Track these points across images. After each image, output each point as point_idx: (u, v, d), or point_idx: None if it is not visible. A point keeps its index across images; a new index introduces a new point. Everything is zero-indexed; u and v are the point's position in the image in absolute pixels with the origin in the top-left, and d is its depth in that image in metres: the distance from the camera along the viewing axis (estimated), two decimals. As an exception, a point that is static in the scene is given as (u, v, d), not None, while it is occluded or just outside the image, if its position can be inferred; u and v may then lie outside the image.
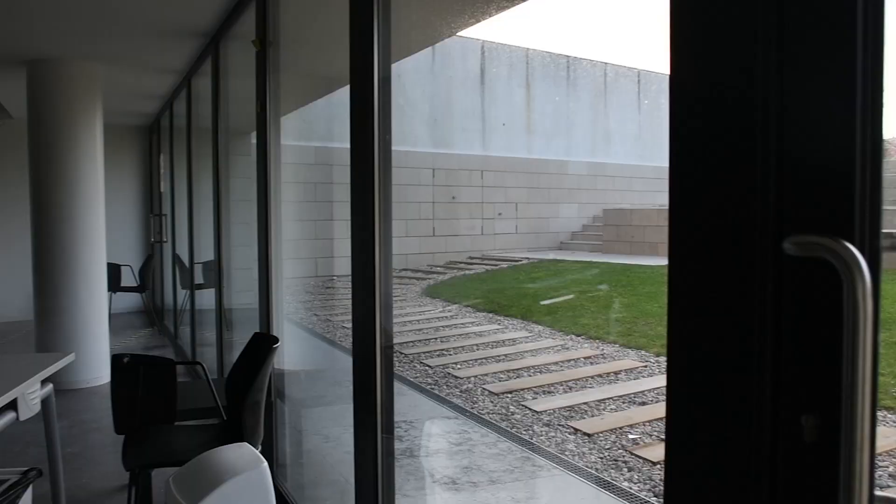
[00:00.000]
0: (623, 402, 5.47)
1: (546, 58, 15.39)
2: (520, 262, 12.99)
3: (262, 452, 2.66)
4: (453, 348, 7.67)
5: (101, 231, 6.61)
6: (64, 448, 3.51)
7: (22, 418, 2.59)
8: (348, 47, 2.57)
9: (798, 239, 0.88)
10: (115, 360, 3.31)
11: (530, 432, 5.12)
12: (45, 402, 2.91)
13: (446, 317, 9.29)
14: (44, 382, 2.85)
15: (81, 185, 6.44)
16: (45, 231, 6.40)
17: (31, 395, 2.67)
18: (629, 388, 5.77)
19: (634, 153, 15.17)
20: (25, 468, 2.99)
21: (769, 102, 0.94)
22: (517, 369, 6.67)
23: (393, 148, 2.49)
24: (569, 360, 6.77)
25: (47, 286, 6.42)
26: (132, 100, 8.66)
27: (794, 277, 0.92)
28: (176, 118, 8.27)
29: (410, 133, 13.56)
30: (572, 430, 5.04)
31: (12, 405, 2.53)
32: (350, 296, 2.50)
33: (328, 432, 4.68)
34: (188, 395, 3.82)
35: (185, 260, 7.38)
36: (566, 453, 4.67)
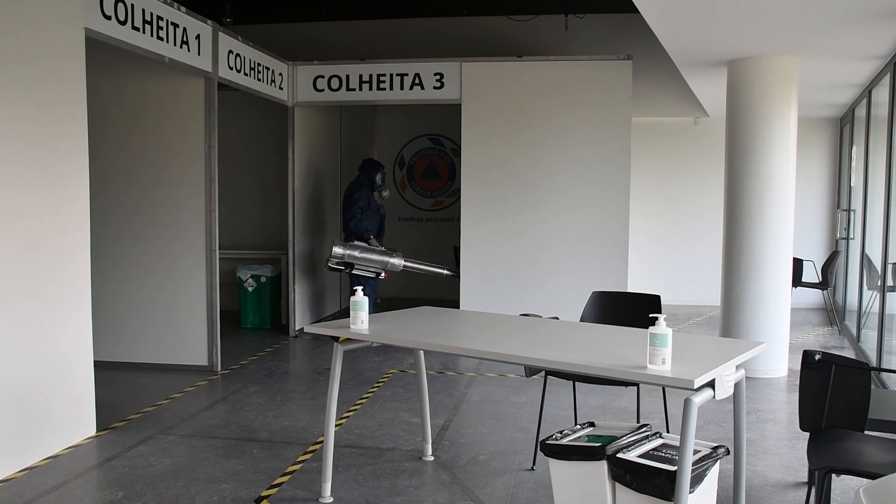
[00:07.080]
0: None
1: None
2: None
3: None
4: None
5: (788, 225, 6.63)
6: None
7: (718, 398, 2.75)
8: None
9: None
10: (807, 355, 3.27)
11: None
12: (737, 385, 3.05)
13: None
14: (737, 367, 2.99)
15: (773, 180, 6.55)
16: (736, 222, 6.71)
17: (727, 377, 2.82)
18: None
19: None
20: (714, 444, 3.18)
21: None
22: None
23: None
24: None
25: (735, 275, 6.73)
26: (823, 91, 8.48)
27: None
28: (874, 107, 7.77)
29: None
30: None
31: (710, 384, 2.71)
32: None
33: None
34: (879, 404, 3.57)
35: (875, 259, 6.91)
36: None
